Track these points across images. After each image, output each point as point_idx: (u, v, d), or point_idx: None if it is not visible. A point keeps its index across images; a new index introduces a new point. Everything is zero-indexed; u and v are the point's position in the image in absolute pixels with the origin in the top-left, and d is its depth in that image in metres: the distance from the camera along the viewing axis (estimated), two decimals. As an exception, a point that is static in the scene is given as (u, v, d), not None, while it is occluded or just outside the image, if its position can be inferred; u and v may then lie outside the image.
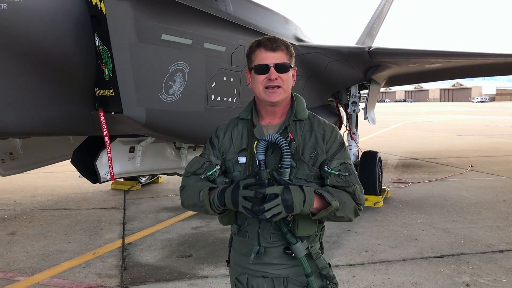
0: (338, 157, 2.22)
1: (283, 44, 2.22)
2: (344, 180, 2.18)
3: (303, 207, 2.01)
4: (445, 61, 8.49)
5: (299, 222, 2.14)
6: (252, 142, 2.21)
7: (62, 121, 4.28)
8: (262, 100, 2.23)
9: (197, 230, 6.67)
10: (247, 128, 2.29)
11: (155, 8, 3.90)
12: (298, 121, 2.26)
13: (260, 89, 2.20)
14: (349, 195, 2.17)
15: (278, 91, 2.18)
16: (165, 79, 4.11)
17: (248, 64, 2.26)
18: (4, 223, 7.19)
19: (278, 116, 2.28)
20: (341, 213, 2.12)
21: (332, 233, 6.39)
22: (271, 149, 2.18)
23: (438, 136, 22.11)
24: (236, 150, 2.27)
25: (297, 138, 2.21)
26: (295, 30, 6.84)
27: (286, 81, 2.20)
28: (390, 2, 14.61)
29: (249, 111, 2.32)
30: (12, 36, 3.49)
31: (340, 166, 2.19)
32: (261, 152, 2.11)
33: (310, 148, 2.20)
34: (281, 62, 2.18)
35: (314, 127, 2.25)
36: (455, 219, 7.15)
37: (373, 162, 8.32)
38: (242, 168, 2.24)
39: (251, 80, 2.25)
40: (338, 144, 2.26)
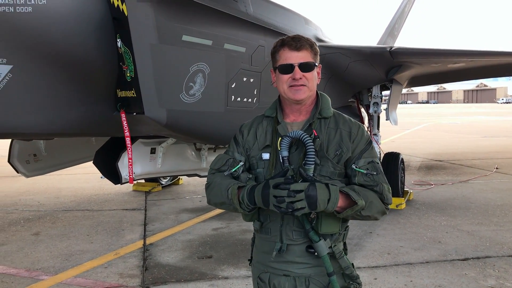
0: (365, 156, 2.20)
1: (307, 42, 2.21)
2: (371, 179, 2.16)
3: (327, 205, 2.00)
4: (469, 61, 8.33)
5: (323, 220, 2.12)
6: (276, 138, 2.21)
7: (85, 122, 4.34)
8: (287, 98, 2.23)
9: (217, 231, 6.68)
10: (271, 125, 2.29)
11: (176, 9, 3.93)
12: (323, 118, 2.25)
13: (284, 88, 2.20)
14: (377, 195, 2.15)
15: (303, 88, 2.17)
16: (185, 80, 4.13)
17: (272, 64, 2.26)
18: (28, 223, 7.32)
19: (303, 114, 2.27)
20: (367, 212, 2.11)
21: (354, 235, 6.33)
22: (295, 146, 2.18)
23: (462, 137, 21.72)
24: (260, 147, 2.27)
25: (322, 135, 2.20)
26: (315, 30, 6.81)
27: (311, 79, 2.20)
28: (411, 2, 14.43)
29: (274, 109, 2.32)
30: (36, 38, 3.55)
31: (367, 165, 2.17)
32: (285, 149, 2.11)
33: (335, 146, 2.19)
34: (306, 61, 2.18)
35: (340, 125, 2.23)
36: (480, 221, 7.00)
37: (395, 164, 8.22)
38: (266, 165, 2.23)
39: (276, 79, 2.26)
40: (365, 142, 2.24)
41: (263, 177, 2.24)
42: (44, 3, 3.42)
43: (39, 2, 3.40)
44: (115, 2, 3.65)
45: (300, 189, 1.96)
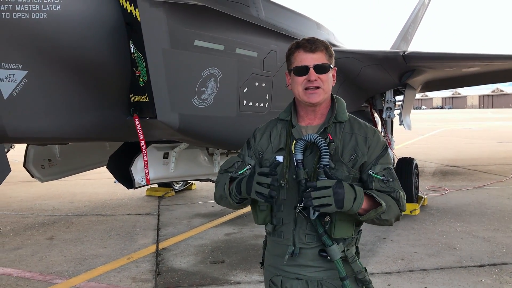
0: (382, 162, 2.20)
1: (322, 44, 2.21)
2: (387, 185, 2.16)
3: (352, 205, 1.99)
4: (484, 65, 8.23)
5: (336, 224, 2.12)
6: (290, 142, 2.21)
7: (99, 127, 4.38)
8: (302, 101, 2.23)
9: (229, 237, 6.68)
10: (286, 128, 2.29)
11: (188, 15, 3.96)
12: (338, 123, 2.24)
13: (299, 90, 2.20)
14: (394, 200, 2.15)
15: (317, 91, 2.17)
16: (197, 85, 4.15)
17: (287, 66, 2.27)
18: (43, 228, 7.40)
19: (317, 117, 2.27)
20: (386, 216, 2.11)
21: (367, 241, 6.27)
22: (310, 149, 2.18)
23: (478, 143, 21.46)
24: (274, 150, 2.28)
25: (337, 140, 2.19)
26: (327, 35, 6.80)
27: (326, 81, 2.19)
28: (425, 7, 14.34)
29: (289, 112, 2.33)
30: (51, 44, 3.61)
31: (384, 171, 2.18)
32: (299, 152, 2.11)
33: (350, 150, 2.18)
34: (321, 63, 2.18)
35: (355, 130, 2.23)
36: (496, 227, 6.89)
37: (409, 169, 8.14)
38: (280, 168, 2.23)
39: (291, 81, 2.26)
40: (381, 148, 2.23)
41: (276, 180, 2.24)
42: (58, 9, 3.47)
43: (54, 8, 3.45)
44: (128, 7, 3.69)
45: (327, 186, 1.96)
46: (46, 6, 3.42)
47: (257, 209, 2.24)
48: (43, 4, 3.40)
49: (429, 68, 7.98)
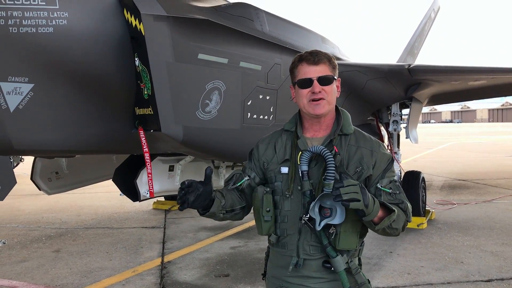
0: (388, 175, 2.24)
1: (325, 56, 2.25)
2: (395, 198, 2.20)
3: (373, 208, 2.01)
4: (490, 78, 8.21)
5: (341, 235, 2.13)
6: (296, 153, 2.23)
7: (104, 139, 4.42)
8: (307, 113, 2.25)
9: (235, 250, 6.65)
10: (291, 139, 2.31)
11: (192, 29, 4.01)
12: (343, 135, 2.26)
13: (304, 103, 2.22)
14: (402, 210, 2.18)
15: (322, 103, 2.20)
16: (201, 97, 4.19)
17: (291, 79, 2.30)
18: (50, 240, 7.42)
19: (323, 129, 2.29)
20: (396, 224, 2.13)
21: (373, 255, 6.22)
22: (315, 161, 2.19)
23: (487, 157, 21.28)
24: (279, 161, 2.30)
25: (342, 152, 2.21)
26: (332, 49, 6.84)
27: (330, 93, 2.22)
28: (431, 21, 14.37)
29: (294, 123, 2.35)
30: (57, 57, 3.67)
31: (390, 184, 2.21)
32: (305, 163, 2.13)
33: (355, 163, 2.20)
34: (324, 75, 2.21)
35: (361, 143, 2.25)
36: (504, 242, 6.80)
37: (416, 182, 8.09)
38: (284, 179, 2.26)
39: (295, 94, 2.29)
40: (387, 161, 2.26)
41: (280, 190, 2.25)
42: (64, 24, 3.54)
43: (60, 22, 3.51)
44: (133, 21, 3.75)
45: (354, 183, 1.95)
46: (52, 21, 3.48)
47: (261, 220, 2.25)
48: (49, 19, 3.46)
49: (435, 81, 7.97)
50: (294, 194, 2.22)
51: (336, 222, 2.06)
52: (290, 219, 2.23)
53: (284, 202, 2.24)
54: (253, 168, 2.37)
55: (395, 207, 2.14)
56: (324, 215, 2.05)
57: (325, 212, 2.05)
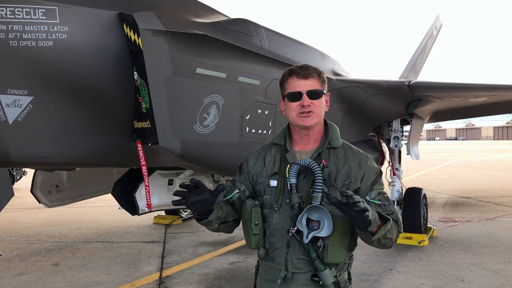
0: (376, 187, 2.26)
1: (315, 71, 2.28)
2: (385, 209, 2.21)
3: (374, 218, 2.00)
4: (490, 95, 8.22)
5: (329, 248, 2.13)
6: (285, 166, 2.25)
7: (103, 152, 4.44)
8: (295, 125, 2.28)
9: (234, 265, 6.62)
10: (280, 153, 2.33)
11: (190, 43, 4.06)
12: (331, 148, 2.29)
13: (293, 115, 2.26)
14: (393, 221, 2.17)
15: (311, 115, 2.23)
16: (199, 111, 4.22)
17: (281, 92, 2.34)
18: (49, 254, 7.41)
19: (311, 142, 2.31)
20: (390, 234, 2.13)
21: (373, 272, 6.17)
22: (303, 174, 2.21)
23: (491, 174, 21.16)
24: (268, 174, 2.32)
25: (330, 165, 2.23)
26: (332, 65, 6.88)
27: (319, 107, 2.25)
28: (433, 38, 14.45)
29: (283, 137, 2.38)
30: (56, 71, 3.71)
31: (379, 196, 2.23)
32: (293, 176, 2.15)
33: (343, 176, 2.22)
34: (314, 89, 2.24)
35: (349, 156, 2.27)
36: (506, 260, 6.73)
37: (418, 199, 8.05)
38: (273, 192, 2.27)
39: (285, 107, 2.33)
40: (375, 174, 2.28)
41: (269, 203, 2.26)
42: (64, 38, 3.59)
43: (60, 36, 3.57)
44: (132, 36, 3.80)
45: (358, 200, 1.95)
46: (52, 35, 3.53)
47: (250, 233, 2.25)
48: (49, 33, 3.52)
49: (436, 98, 7.98)
50: (282, 207, 2.23)
51: (323, 235, 2.06)
52: (278, 232, 2.23)
53: (273, 215, 2.25)
54: (243, 181, 2.39)
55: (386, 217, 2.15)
56: (312, 227, 2.05)
57: (313, 224, 2.06)
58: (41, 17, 3.47)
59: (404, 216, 8.05)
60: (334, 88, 6.37)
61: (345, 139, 2.41)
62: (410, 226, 7.92)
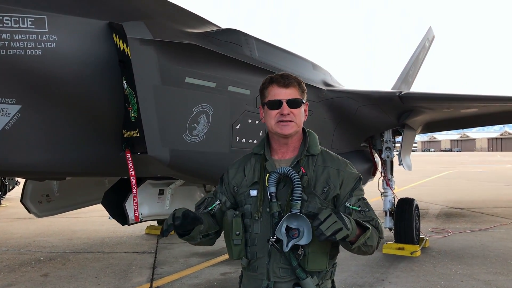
0: (356, 193, 2.25)
1: (295, 80, 2.30)
2: (365, 215, 2.21)
3: (352, 227, 2.00)
4: (481, 106, 8.26)
5: (310, 256, 2.13)
6: (264, 175, 2.24)
7: (92, 162, 4.42)
8: (274, 133, 2.29)
9: (225, 276, 6.58)
10: (259, 162, 2.34)
11: (179, 53, 4.07)
12: (310, 156, 2.29)
13: (272, 124, 2.27)
14: (373, 228, 2.18)
15: (290, 124, 2.24)
16: (189, 121, 4.22)
17: (261, 100, 2.35)
18: (39, 264, 7.34)
19: (290, 150, 2.32)
20: (370, 242, 2.14)
21: (365, 282, 6.15)
22: (283, 183, 2.21)
23: (485, 185, 21.22)
24: (248, 184, 2.32)
25: (309, 172, 2.24)
26: (323, 75, 6.91)
27: (298, 116, 2.26)
28: (426, 50, 14.56)
29: (262, 146, 2.38)
30: (45, 80, 3.71)
31: (359, 202, 2.23)
32: (273, 185, 2.15)
33: (322, 183, 2.22)
34: (293, 98, 2.26)
35: (327, 163, 2.28)
36: (498, 271, 6.73)
37: (410, 210, 8.04)
38: (254, 201, 2.27)
39: (264, 114, 2.33)
40: (354, 180, 2.28)
41: (250, 213, 2.26)
42: (53, 47, 3.59)
43: (49, 45, 3.57)
44: (121, 45, 3.81)
45: (328, 214, 1.96)
46: (41, 44, 3.54)
47: (232, 244, 2.25)
48: (38, 42, 3.53)
49: (427, 108, 8.02)
50: (263, 216, 2.23)
51: (303, 243, 2.05)
52: (259, 242, 2.23)
53: (253, 225, 2.25)
54: (224, 193, 2.39)
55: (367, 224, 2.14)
56: (292, 236, 2.05)
57: (293, 233, 2.05)
58: (30, 26, 3.47)
59: (397, 227, 8.05)
60: (325, 98, 6.40)
61: (337, 149, 2.44)
62: (402, 236, 7.92)
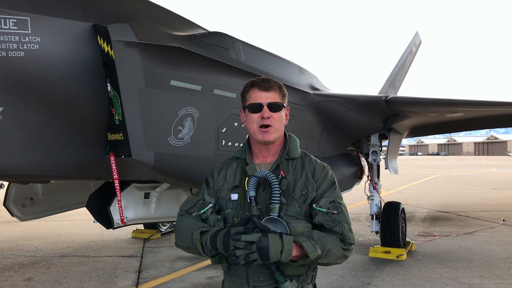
0: (327, 196, 2.23)
1: (276, 84, 2.31)
2: (332, 218, 2.17)
3: (280, 256, 1.99)
4: (466, 110, 8.35)
5: None
6: (245, 179, 2.24)
7: (76, 165, 4.37)
8: (256, 139, 2.29)
9: (211, 280, 6.55)
10: (240, 166, 2.34)
11: (164, 55, 4.05)
12: (290, 159, 2.30)
13: (254, 128, 2.26)
14: (337, 236, 2.15)
15: (270, 130, 2.24)
16: (174, 124, 4.19)
17: (242, 103, 2.35)
18: (22, 268, 7.25)
19: (271, 154, 2.32)
20: (324, 260, 2.11)
21: (351, 286, 6.17)
22: (263, 186, 2.21)
23: (471, 189, 21.43)
24: (229, 188, 2.32)
25: (289, 176, 2.24)
26: (310, 79, 6.93)
27: (278, 120, 2.26)
28: (412, 55, 14.69)
29: (244, 150, 2.38)
30: (28, 82, 3.66)
31: (329, 204, 2.20)
32: (252, 189, 2.15)
33: (301, 186, 2.22)
34: (274, 101, 2.26)
35: (306, 166, 2.29)
36: (482, 274, 6.79)
37: (396, 213, 8.09)
38: (234, 206, 2.27)
39: (245, 118, 2.34)
40: (328, 183, 2.27)
41: (231, 218, 2.26)
42: (36, 48, 3.55)
43: (32, 47, 3.53)
44: (105, 47, 3.78)
45: (251, 241, 1.97)
46: (24, 45, 3.49)
47: None
48: (21, 43, 3.48)
49: (412, 112, 8.08)
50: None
51: None
52: None
53: None
54: (212, 195, 2.38)
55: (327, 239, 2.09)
56: None
57: None
58: (12, 27, 3.43)
59: (383, 230, 8.08)
60: (312, 102, 6.41)
61: (324, 153, 2.44)
62: (388, 240, 7.96)
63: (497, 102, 8.26)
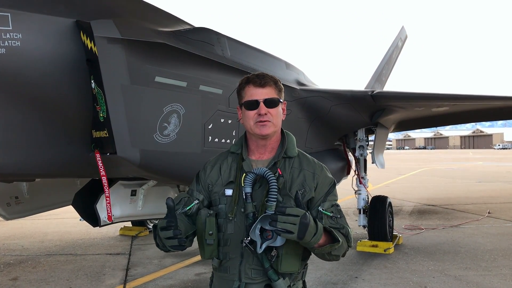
0: (330, 198, 2.26)
1: (272, 79, 2.29)
2: (336, 222, 2.21)
3: (311, 238, 2.00)
4: (451, 105, 8.42)
5: (283, 258, 2.12)
6: (240, 175, 2.23)
7: (61, 162, 4.32)
8: (253, 134, 2.27)
9: (200, 277, 6.54)
10: (236, 161, 2.32)
11: (148, 52, 4.01)
12: (287, 158, 2.29)
13: (251, 124, 2.25)
14: (343, 237, 2.19)
15: (268, 124, 2.23)
16: (159, 120, 4.16)
17: (238, 100, 2.33)
18: (8, 268, 7.17)
19: (268, 151, 2.31)
20: (336, 252, 2.15)
21: (338, 280, 6.20)
22: (259, 183, 2.20)
23: (457, 182, 21.68)
24: (223, 183, 2.30)
25: (286, 174, 2.24)
26: (297, 74, 6.93)
27: (275, 115, 2.25)
28: (398, 49, 14.77)
29: (240, 146, 2.36)
30: (10, 79, 3.60)
31: (332, 208, 2.23)
32: (249, 185, 2.14)
33: (298, 185, 2.22)
34: (270, 97, 2.25)
35: (304, 165, 2.28)
36: (468, 266, 6.87)
37: (383, 207, 8.15)
38: (228, 201, 2.25)
39: (242, 115, 2.32)
40: (329, 184, 2.29)
41: (224, 213, 2.24)
42: (18, 45, 3.50)
43: (13, 44, 3.48)
44: (89, 44, 3.74)
45: (296, 214, 1.96)
46: (5, 42, 3.44)
47: (204, 244, 2.22)
48: (1, 40, 3.42)
49: (398, 107, 8.13)
50: (237, 216, 2.21)
51: (277, 244, 2.05)
52: (232, 242, 2.21)
53: (227, 225, 2.23)
54: (201, 191, 2.35)
55: (338, 234, 2.14)
56: (266, 237, 2.04)
57: (267, 234, 2.04)
58: (-7, 24, 3.37)
59: (370, 224, 8.14)
60: (298, 97, 6.41)
61: (311, 148, 2.44)
62: (376, 234, 8.02)
63: (482, 96, 8.36)
